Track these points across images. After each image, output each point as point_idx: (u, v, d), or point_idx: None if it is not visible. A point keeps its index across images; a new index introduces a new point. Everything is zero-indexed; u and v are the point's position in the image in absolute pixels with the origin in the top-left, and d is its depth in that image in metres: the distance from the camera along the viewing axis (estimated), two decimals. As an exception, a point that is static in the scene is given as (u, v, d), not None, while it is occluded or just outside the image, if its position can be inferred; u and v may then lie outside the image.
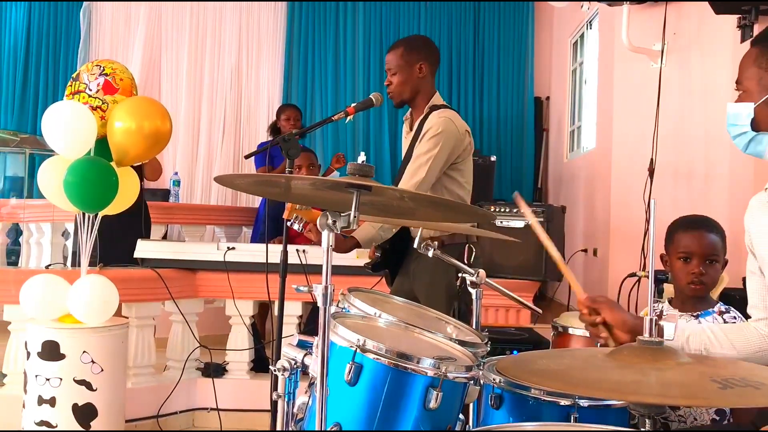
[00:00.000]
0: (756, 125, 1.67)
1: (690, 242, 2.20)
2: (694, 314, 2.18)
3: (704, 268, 2.18)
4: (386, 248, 2.90)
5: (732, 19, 4.03)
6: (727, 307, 2.15)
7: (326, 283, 1.52)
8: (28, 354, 3.13)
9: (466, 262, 2.23)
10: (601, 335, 1.68)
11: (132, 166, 3.50)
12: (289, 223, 2.64)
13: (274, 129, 5.57)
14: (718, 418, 2.03)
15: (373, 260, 2.93)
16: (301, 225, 2.63)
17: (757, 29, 3.87)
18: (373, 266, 2.94)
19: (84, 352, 3.11)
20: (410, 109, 3.01)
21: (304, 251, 3.78)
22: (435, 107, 2.88)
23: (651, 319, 1.41)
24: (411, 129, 2.97)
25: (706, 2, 3.90)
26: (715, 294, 2.60)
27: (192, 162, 7.30)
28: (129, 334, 3.52)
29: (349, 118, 2.78)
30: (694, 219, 2.29)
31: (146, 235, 4.41)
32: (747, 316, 1.82)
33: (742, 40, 3.95)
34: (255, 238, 5.55)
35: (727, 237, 2.25)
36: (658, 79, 4.44)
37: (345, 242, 2.75)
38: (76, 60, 7.27)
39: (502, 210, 4.59)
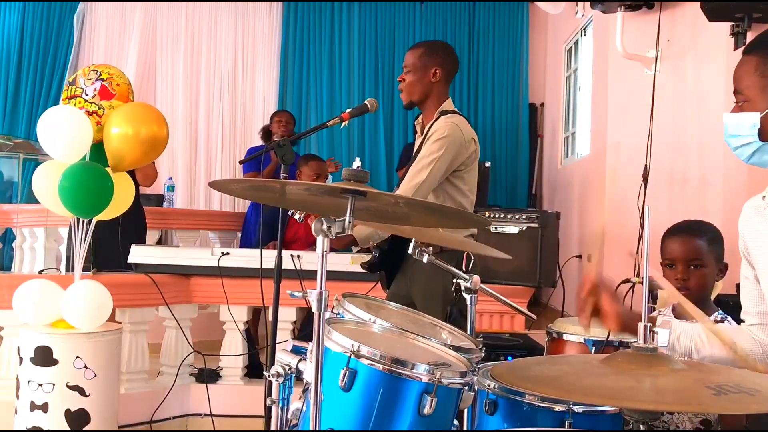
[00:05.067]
0: (763, 135, 1.64)
1: (672, 248, 2.21)
2: (691, 321, 2.18)
3: (687, 274, 2.17)
4: (384, 249, 2.90)
5: (725, 27, 4.05)
6: (724, 316, 2.14)
7: (321, 288, 1.52)
8: (21, 359, 3.12)
9: (463, 269, 2.23)
10: (585, 315, 1.68)
11: (129, 172, 3.51)
12: (290, 213, 2.65)
13: (266, 133, 5.61)
14: (702, 427, 2.02)
15: (369, 260, 2.93)
16: (302, 216, 2.63)
17: (750, 36, 3.89)
18: (370, 266, 2.94)
19: (77, 357, 3.10)
20: (421, 114, 3.02)
21: (298, 257, 3.78)
22: (445, 112, 2.88)
23: (645, 326, 1.41)
24: (422, 133, 2.98)
25: (700, 9, 3.92)
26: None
27: (186, 166, 7.28)
28: (122, 339, 3.51)
29: (344, 123, 2.78)
30: (680, 225, 2.28)
31: (142, 241, 4.40)
32: (740, 323, 1.83)
33: (736, 47, 3.96)
34: (245, 245, 5.55)
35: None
36: (652, 85, 4.45)
37: (342, 239, 2.74)
38: (70, 64, 7.25)
39: (497, 216, 4.59)
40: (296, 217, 2.56)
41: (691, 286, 2.17)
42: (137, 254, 3.94)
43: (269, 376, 1.70)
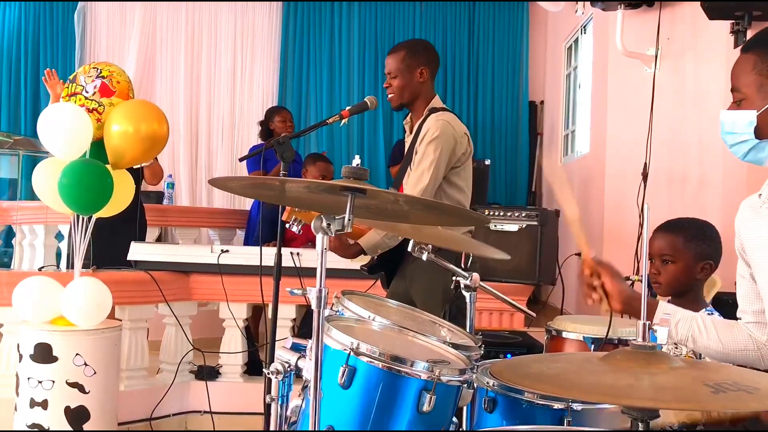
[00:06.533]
0: (759, 133, 1.66)
1: (650, 243, 2.24)
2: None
3: (658, 268, 2.21)
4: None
5: (725, 25, 4.05)
6: (711, 311, 2.15)
7: (320, 286, 1.52)
8: (21, 356, 3.12)
9: (463, 266, 2.23)
10: (593, 296, 1.70)
11: (131, 169, 3.50)
12: (287, 225, 2.64)
13: (266, 132, 5.53)
14: (687, 421, 2.02)
15: (369, 262, 2.93)
16: (300, 227, 2.62)
17: (750, 35, 3.89)
18: (370, 268, 2.94)
19: (77, 354, 3.10)
20: (410, 113, 3.01)
21: (298, 254, 3.79)
22: (434, 110, 2.89)
23: (645, 324, 1.42)
24: (411, 132, 2.98)
25: (700, 8, 3.92)
26: (707, 298, 2.60)
27: (186, 164, 7.28)
28: (122, 336, 3.51)
29: (343, 121, 2.78)
30: (666, 221, 2.31)
31: (141, 238, 4.40)
32: (736, 320, 1.83)
33: (736, 46, 3.96)
34: (249, 242, 5.54)
35: (721, 242, 2.24)
36: (651, 83, 4.45)
37: (350, 248, 2.75)
38: (70, 62, 7.25)
39: (497, 213, 4.59)
40: (294, 229, 2.54)
41: (660, 281, 2.22)
42: (137, 251, 3.95)
43: (269, 374, 1.70)
